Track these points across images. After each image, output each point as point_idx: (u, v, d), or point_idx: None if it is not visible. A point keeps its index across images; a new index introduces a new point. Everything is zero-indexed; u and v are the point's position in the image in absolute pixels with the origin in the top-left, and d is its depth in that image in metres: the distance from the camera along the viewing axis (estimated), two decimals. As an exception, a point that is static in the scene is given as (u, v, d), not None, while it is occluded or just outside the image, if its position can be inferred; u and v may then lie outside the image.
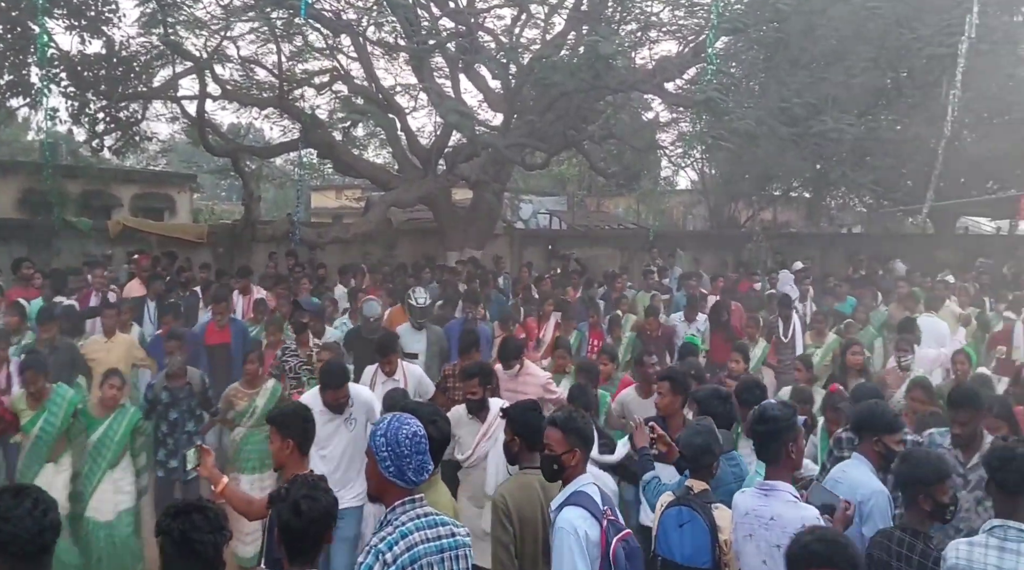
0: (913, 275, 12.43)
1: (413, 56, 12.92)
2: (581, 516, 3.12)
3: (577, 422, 3.34)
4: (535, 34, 14.98)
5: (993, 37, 13.48)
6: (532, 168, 15.78)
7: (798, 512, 3.27)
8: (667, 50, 14.60)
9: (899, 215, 21.78)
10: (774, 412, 3.48)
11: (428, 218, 15.12)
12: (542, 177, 22.21)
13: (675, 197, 25.79)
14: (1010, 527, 2.98)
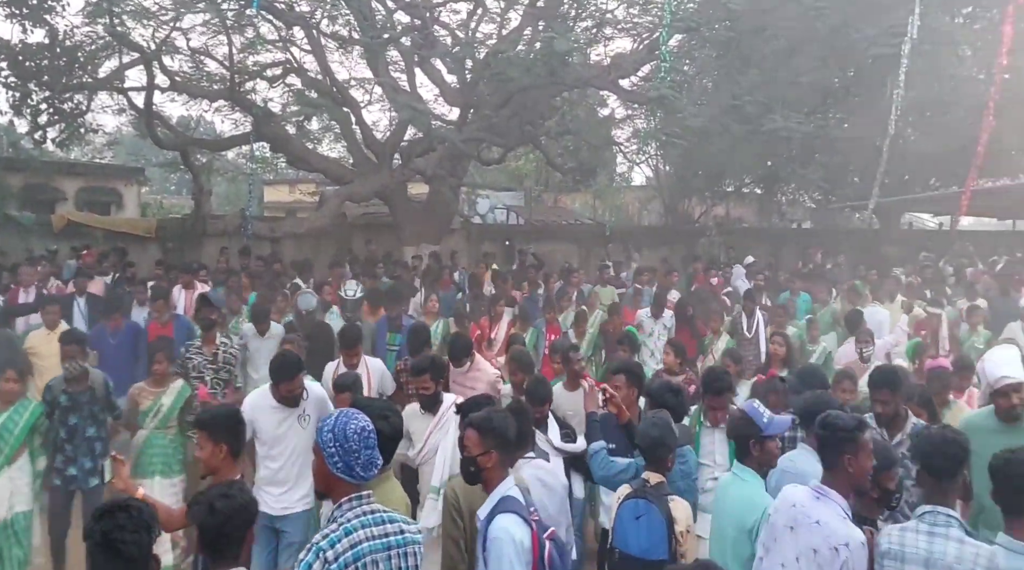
0: (858, 269, 12.77)
1: (368, 50, 12.80)
2: (515, 523, 3.07)
3: (494, 422, 3.27)
4: (491, 29, 14.98)
5: (934, 38, 13.88)
6: (488, 163, 15.79)
7: (846, 528, 3.13)
8: (622, 47, 14.75)
9: (846, 211, 22.33)
10: (834, 420, 3.30)
11: (384, 213, 15.01)
12: (499, 172, 22.22)
13: (631, 193, 26.03)
14: (939, 513, 3.07)
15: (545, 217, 20.72)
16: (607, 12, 13.45)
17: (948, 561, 2.96)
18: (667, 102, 11.60)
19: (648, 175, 24.52)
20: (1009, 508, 3.11)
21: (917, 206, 21.89)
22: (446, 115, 15.30)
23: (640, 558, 3.57)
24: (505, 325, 8.61)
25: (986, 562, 2.90)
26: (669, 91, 11.82)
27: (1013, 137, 16.91)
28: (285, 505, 4.89)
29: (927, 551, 3.02)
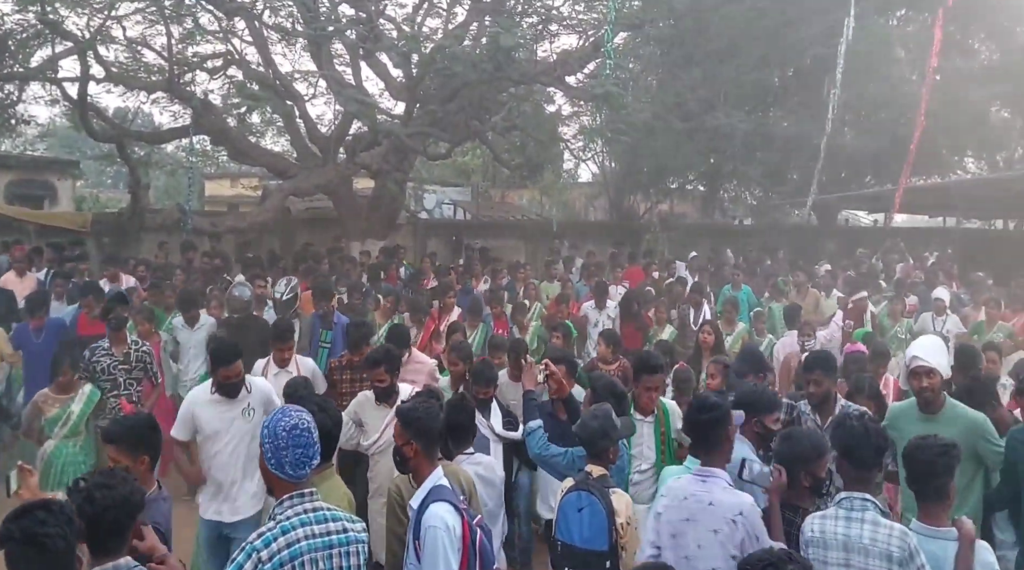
0: (796, 264, 13.12)
1: (311, 42, 12.61)
2: (448, 510, 3.17)
3: (417, 414, 3.36)
4: (437, 24, 14.90)
5: (870, 39, 14.32)
6: (435, 158, 15.71)
7: (735, 498, 3.39)
8: (568, 44, 14.82)
9: (786, 208, 22.89)
10: (713, 401, 3.59)
11: (328, 208, 14.83)
12: (446, 167, 22.12)
13: (578, 189, 26.21)
14: (855, 498, 3.19)
15: (492, 213, 20.75)
16: (552, 9, 13.51)
17: (864, 543, 3.08)
18: (612, 99, 11.69)
19: (595, 171, 24.76)
20: (921, 494, 3.27)
21: (853, 203, 22.58)
22: (392, 109, 15.16)
23: (581, 549, 3.63)
24: (455, 317, 8.58)
25: (898, 541, 3.03)
26: (614, 88, 11.92)
27: (943, 137, 17.58)
28: (235, 509, 4.74)
29: (845, 535, 3.14)
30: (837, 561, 3.14)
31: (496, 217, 19.88)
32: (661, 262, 13.53)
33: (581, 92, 13.64)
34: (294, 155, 14.86)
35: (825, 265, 13.40)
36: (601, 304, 9.49)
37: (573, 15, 13.69)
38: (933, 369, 4.31)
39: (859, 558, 3.09)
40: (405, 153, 13.54)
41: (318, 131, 14.24)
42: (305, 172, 13.00)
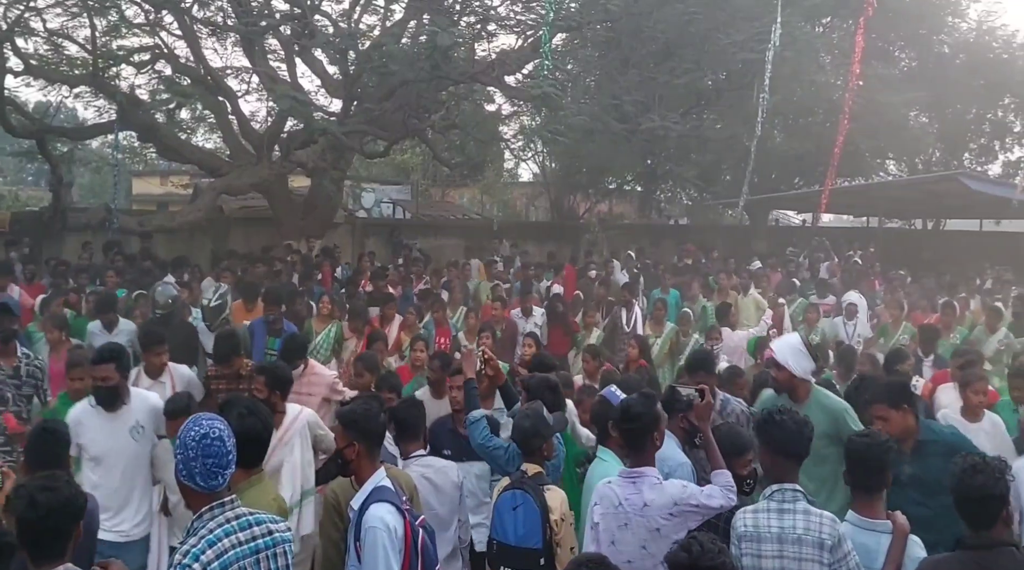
0: (729, 262, 13.47)
1: (243, 37, 12.33)
2: (389, 511, 3.14)
3: (356, 415, 3.35)
4: (374, 21, 14.75)
5: (797, 45, 14.78)
6: (372, 156, 15.56)
7: (667, 491, 3.45)
8: (506, 44, 14.87)
9: (719, 208, 23.46)
10: (639, 408, 3.56)
11: (263, 206, 14.53)
12: (385, 165, 21.93)
13: (518, 189, 26.35)
14: (786, 490, 3.26)
15: (432, 212, 20.67)
16: (490, 8, 13.53)
17: (798, 533, 3.15)
18: (550, 100, 11.79)
19: (535, 171, 24.92)
20: (857, 487, 3.37)
21: (783, 204, 23.28)
22: (328, 106, 14.96)
23: (516, 547, 3.64)
24: (396, 326, 8.38)
25: (828, 529, 3.12)
26: (552, 89, 12.03)
27: (866, 141, 18.27)
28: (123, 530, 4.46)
29: (779, 528, 3.19)
30: (771, 553, 3.19)
31: (436, 216, 19.82)
32: (600, 262, 13.69)
33: (520, 92, 13.70)
34: (227, 152, 14.52)
35: (756, 263, 13.77)
36: (527, 311, 9.33)
37: (511, 15, 13.73)
38: (780, 364, 4.49)
39: (792, 549, 3.15)
40: (342, 151, 13.38)
41: (252, 128, 13.94)
42: (238, 170, 12.71)
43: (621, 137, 14.60)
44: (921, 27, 21.04)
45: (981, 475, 2.87)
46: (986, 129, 22.89)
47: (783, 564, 3.17)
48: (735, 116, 16.58)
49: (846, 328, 9.26)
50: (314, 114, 12.77)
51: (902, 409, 4.02)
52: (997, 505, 2.86)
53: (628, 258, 13.92)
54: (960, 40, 21.82)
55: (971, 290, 11.29)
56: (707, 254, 15.59)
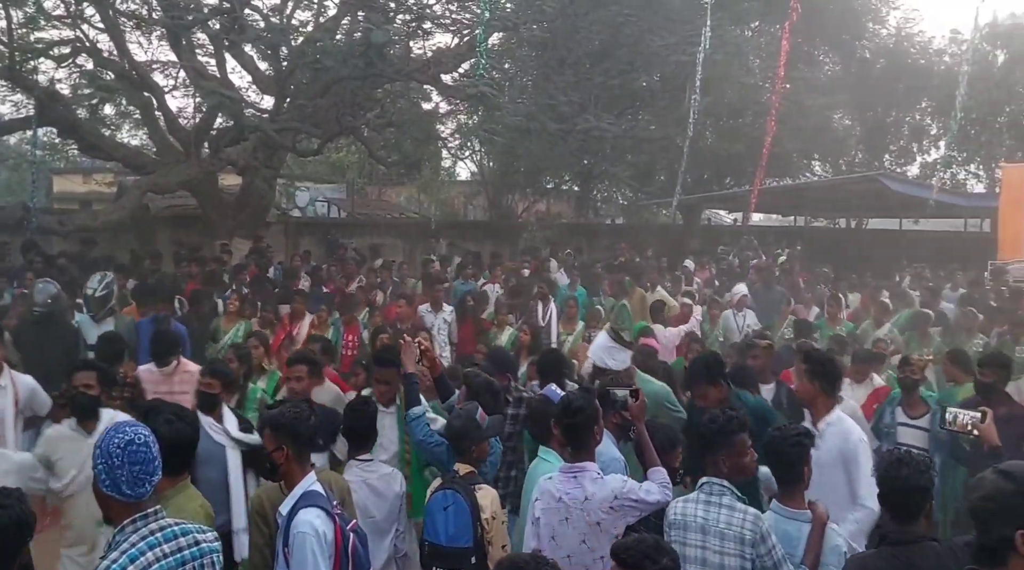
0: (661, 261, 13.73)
1: (169, 31, 11.97)
2: (318, 516, 3.12)
3: (286, 418, 3.30)
4: (308, 16, 14.49)
5: (726, 48, 15.16)
6: (305, 154, 15.30)
7: (607, 485, 3.49)
8: (443, 42, 14.81)
9: (654, 207, 23.88)
10: (580, 403, 3.61)
11: (192, 205, 14.14)
12: (320, 164, 21.58)
13: (456, 187, 26.27)
14: (713, 483, 3.38)
15: (369, 210, 20.46)
16: (426, 7, 13.46)
17: (721, 527, 3.26)
18: (486, 99, 11.80)
19: (473, 170, 24.90)
20: (780, 478, 3.50)
21: (715, 203, 23.85)
22: (259, 103, 14.65)
23: (446, 546, 3.65)
24: (307, 324, 8.17)
25: (751, 525, 3.23)
26: (488, 88, 12.04)
27: (793, 142, 18.87)
28: None
29: (704, 519, 3.31)
30: (695, 543, 3.30)
31: (373, 215, 19.61)
32: (537, 261, 13.78)
33: (456, 91, 13.68)
34: (153, 150, 14.08)
35: (688, 262, 14.07)
36: (437, 307, 9.25)
37: (447, 14, 13.69)
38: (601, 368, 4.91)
39: (715, 541, 3.25)
40: (274, 149, 13.13)
41: (179, 124, 13.55)
42: (165, 168, 12.34)
43: (557, 137, 14.71)
44: (844, 33, 21.86)
45: (907, 468, 2.94)
46: (905, 132, 23.95)
47: (705, 554, 3.28)
48: (669, 117, 16.90)
49: (736, 320, 9.56)
50: (245, 111, 12.50)
51: (717, 384, 4.48)
52: (921, 498, 2.94)
53: (567, 257, 14.04)
54: (880, 46, 22.77)
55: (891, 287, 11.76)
56: (641, 253, 15.84)
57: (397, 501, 4.20)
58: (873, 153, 23.73)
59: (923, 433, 5.44)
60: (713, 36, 13.30)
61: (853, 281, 11.71)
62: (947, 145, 18.83)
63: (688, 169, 16.30)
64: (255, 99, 14.79)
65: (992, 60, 22.40)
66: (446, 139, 18.28)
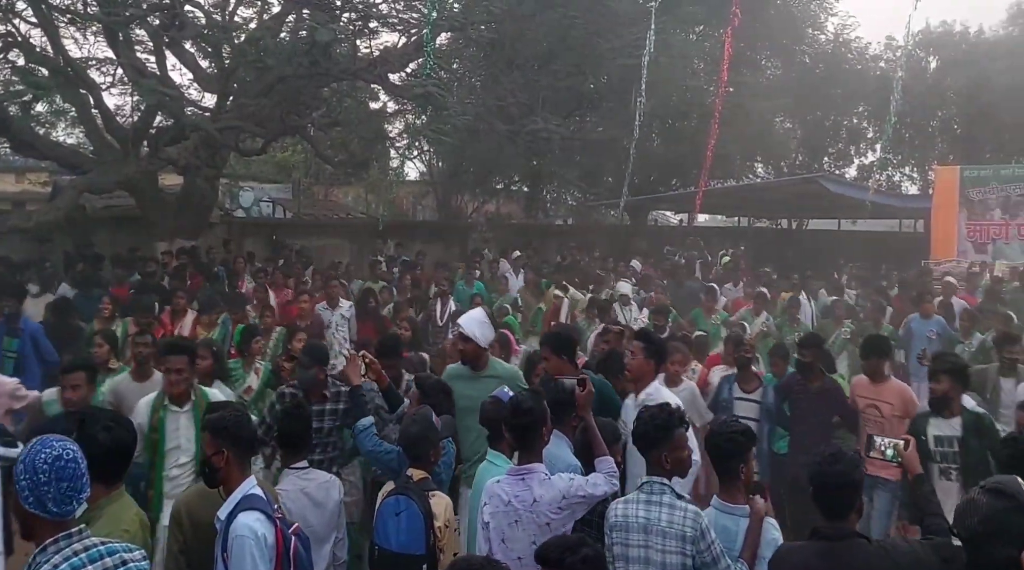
0: (607, 261, 13.88)
1: (106, 27, 11.63)
2: (257, 519, 3.08)
3: (227, 422, 3.26)
4: (251, 13, 14.24)
5: (671, 52, 15.41)
6: (248, 153, 15.05)
7: (555, 486, 3.48)
8: (390, 41, 14.69)
9: (603, 208, 24.12)
10: (529, 403, 3.61)
11: (131, 206, 13.76)
12: (265, 163, 21.24)
13: (405, 187, 26.07)
14: (654, 482, 3.41)
15: (315, 211, 20.20)
16: (372, 6, 13.34)
17: (662, 525, 3.29)
18: (432, 99, 11.76)
19: (422, 170, 24.78)
20: (719, 473, 3.56)
21: (661, 204, 24.20)
22: (203, 101, 14.34)
23: (398, 553, 3.61)
24: (190, 322, 7.95)
25: (691, 522, 3.26)
26: (435, 88, 12.01)
27: (736, 145, 19.26)
28: None
29: (645, 519, 3.33)
30: (637, 543, 3.32)
31: (319, 215, 19.37)
32: (485, 261, 13.78)
33: (403, 90, 13.60)
34: (90, 148, 13.65)
35: (635, 262, 14.24)
36: (333, 303, 9.07)
37: (393, 13, 13.60)
38: (468, 336, 5.01)
39: (657, 540, 3.28)
40: (217, 148, 12.86)
41: (117, 123, 13.16)
42: (102, 167, 11.98)
43: (506, 138, 14.77)
44: (785, 38, 22.40)
45: (840, 464, 2.99)
46: (843, 135, 24.67)
47: (648, 554, 3.30)
48: (616, 119, 17.09)
49: (624, 313, 9.83)
50: (186, 109, 12.22)
51: (561, 357, 4.85)
52: (852, 494, 3.00)
53: (517, 258, 14.06)
54: (820, 51, 23.41)
55: (831, 285, 12.11)
56: (589, 253, 15.99)
57: (336, 508, 4.13)
58: (813, 155, 24.37)
59: (755, 405, 6.13)
60: (658, 40, 13.51)
61: (794, 281, 12.02)
62: (882, 148, 19.45)
63: (635, 171, 16.51)
64: (197, 97, 14.50)
65: (925, 66, 23.26)
66: (394, 139, 18.18)
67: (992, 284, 11.62)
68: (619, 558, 3.36)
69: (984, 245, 15.01)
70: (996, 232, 15.01)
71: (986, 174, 15.58)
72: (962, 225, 15.24)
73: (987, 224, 15.12)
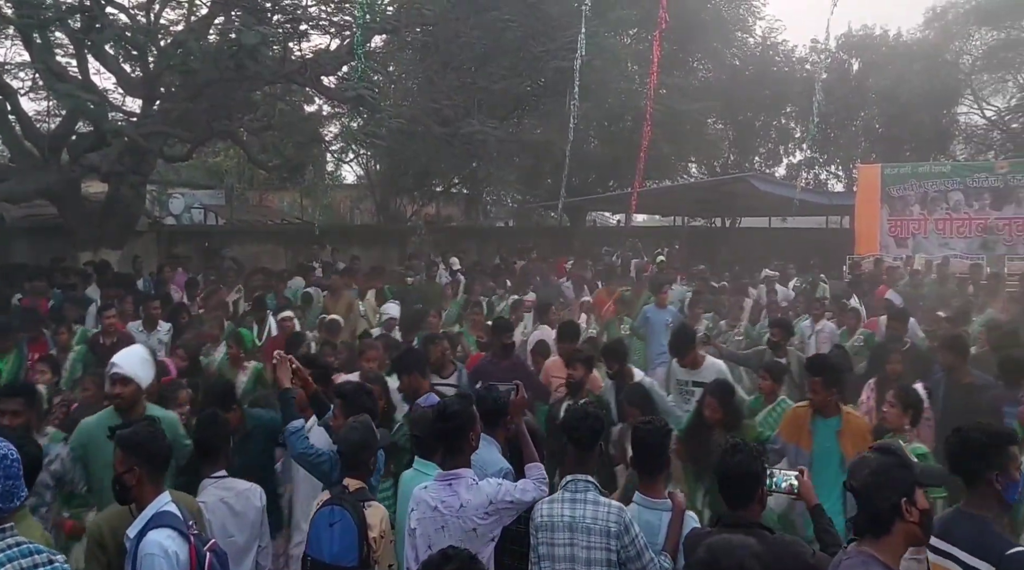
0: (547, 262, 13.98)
1: (21, 30, 11.18)
2: (169, 536, 3.01)
3: (138, 438, 3.20)
4: (178, 16, 13.88)
5: (604, 55, 15.61)
6: (174, 159, 14.66)
7: (482, 491, 3.46)
8: (323, 44, 14.49)
9: (542, 210, 24.28)
10: (456, 407, 3.59)
11: (53, 214, 13.26)
12: (195, 169, 20.72)
13: (342, 191, 25.78)
14: (579, 480, 3.45)
15: (249, 217, 19.79)
16: (301, 8, 13.14)
17: (587, 522, 3.34)
18: (364, 102, 11.66)
19: (359, 174, 24.53)
20: (641, 471, 3.62)
21: (599, 205, 24.51)
22: (127, 106, 13.90)
23: (331, 565, 3.56)
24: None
25: (615, 517, 3.33)
26: (367, 91, 11.90)
27: (669, 146, 19.63)
28: None
29: (571, 517, 3.37)
30: (563, 542, 3.35)
31: (253, 221, 18.99)
32: (426, 264, 13.71)
33: (335, 93, 13.44)
34: (7, 155, 13.10)
35: (570, 261, 14.40)
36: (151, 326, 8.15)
37: (324, 16, 13.43)
38: (125, 376, 4.39)
39: (583, 537, 3.32)
40: (142, 154, 12.49)
41: (35, 129, 12.66)
42: (21, 175, 11.54)
43: (443, 140, 14.73)
44: (715, 41, 22.94)
45: (740, 454, 3.13)
46: (772, 135, 25.40)
47: (573, 552, 3.34)
48: (553, 121, 17.21)
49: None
50: (109, 114, 11.82)
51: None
52: (753, 484, 3.13)
53: (453, 262, 14.04)
54: (749, 54, 24.06)
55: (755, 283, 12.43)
56: (527, 255, 16.05)
57: (258, 517, 4.05)
58: (744, 155, 25.01)
59: None
60: (590, 43, 13.66)
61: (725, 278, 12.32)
62: (809, 147, 20.08)
63: (573, 172, 16.66)
64: (121, 102, 14.04)
65: (848, 68, 24.10)
66: (329, 142, 17.93)
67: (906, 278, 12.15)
68: (544, 558, 3.39)
69: (904, 240, 15.67)
70: (915, 227, 15.67)
71: (905, 172, 16.25)
72: (884, 221, 15.86)
73: (907, 220, 15.77)
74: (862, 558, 2.51)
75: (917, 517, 2.51)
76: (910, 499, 2.50)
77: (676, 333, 6.45)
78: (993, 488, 3.00)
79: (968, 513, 3.03)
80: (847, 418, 4.76)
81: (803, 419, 4.81)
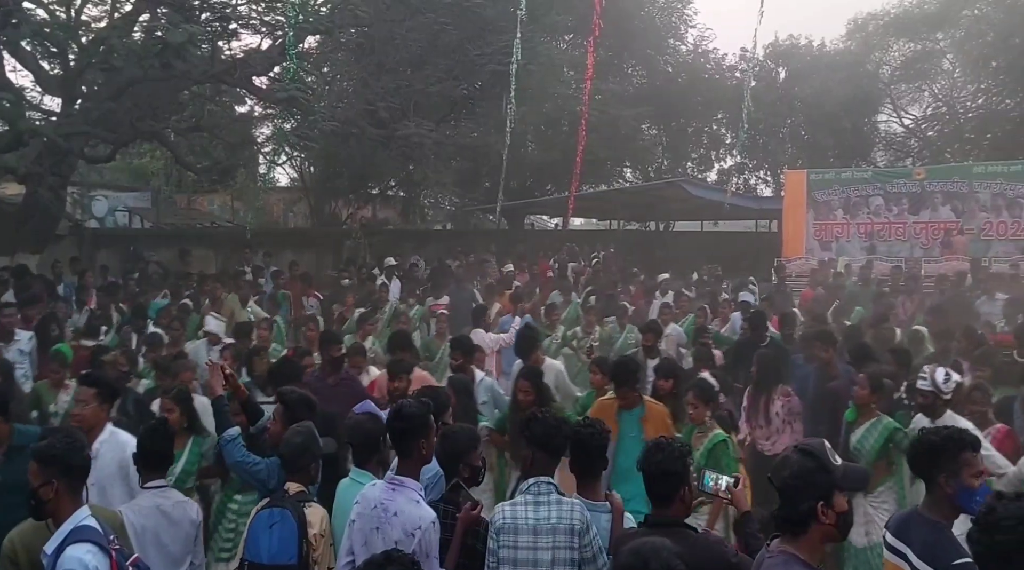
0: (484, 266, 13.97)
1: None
2: (89, 551, 2.92)
3: (57, 450, 3.08)
4: (101, 12, 13.35)
5: (540, 60, 15.73)
6: (95, 161, 14.13)
7: (418, 511, 3.41)
8: (254, 44, 14.16)
9: (480, 213, 24.28)
10: (412, 410, 3.56)
11: (-35, 218, 12.63)
12: (120, 170, 20.00)
13: (275, 194, 25.23)
14: (542, 482, 3.47)
15: (177, 220, 19.22)
16: (230, 6, 12.82)
17: (552, 523, 3.35)
18: (296, 103, 11.47)
19: (293, 176, 24.06)
20: (581, 472, 3.65)
21: (537, 209, 24.66)
22: (46, 105, 13.32)
23: (269, 565, 3.54)
24: None
25: (579, 515, 3.37)
26: (299, 92, 11.71)
27: (605, 150, 19.89)
28: None
29: (535, 519, 3.37)
30: (526, 545, 3.35)
31: (181, 225, 18.44)
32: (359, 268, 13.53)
33: (266, 94, 13.18)
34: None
35: (509, 266, 14.42)
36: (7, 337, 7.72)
37: (254, 15, 13.14)
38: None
39: (547, 538, 3.33)
40: (62, 155, 11.99)
41: (-56, 129, 12.00)
42: (-72, 176, 10.93)
43: (379, 142, 14.61)
44: (648, 48, 23.34)
45: (662, 453, 3.20)
46: (704, 141, 25.98)
47: (537, 555, 3.34)
48: (490, 125, 17.25)
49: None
50: (27, 113, 11.31)
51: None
52: (676, 483, 3.18)
53: (391, 267, 13.87)
54: (681, 61, 24.56)
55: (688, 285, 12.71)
56: (464, 258, 16.02)
57: (193, 530, 4.03)
58: (677, 160, 25.50)
59: None
60: (526, 47, 13.75)
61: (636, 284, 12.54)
62: (739, 153, 20.62)
63: (510, 176, 16.72)
64: (44, 101, 13.45)
65: (775, 76, 24.84)
66: (262, 144, 17.57)
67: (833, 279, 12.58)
68: (505, 562, 3.37)
69: (828, 243, 16.23)
70: (839, 231, 16.26)
71: (829, 177, 16.85)
72: (810, 225, 16.41)
73: (831, 223, 16.35)
74: (784, 558, 2.57)
75: (834, 519, 2.54)
76: (827, 503, 2.53)
77: (519, 336, 7.09)
78: (944, 491, 3.04)
79: (924, 516, 3.10)
80: (649, 407, 5.43)
81: (609, 410, 5.37)
